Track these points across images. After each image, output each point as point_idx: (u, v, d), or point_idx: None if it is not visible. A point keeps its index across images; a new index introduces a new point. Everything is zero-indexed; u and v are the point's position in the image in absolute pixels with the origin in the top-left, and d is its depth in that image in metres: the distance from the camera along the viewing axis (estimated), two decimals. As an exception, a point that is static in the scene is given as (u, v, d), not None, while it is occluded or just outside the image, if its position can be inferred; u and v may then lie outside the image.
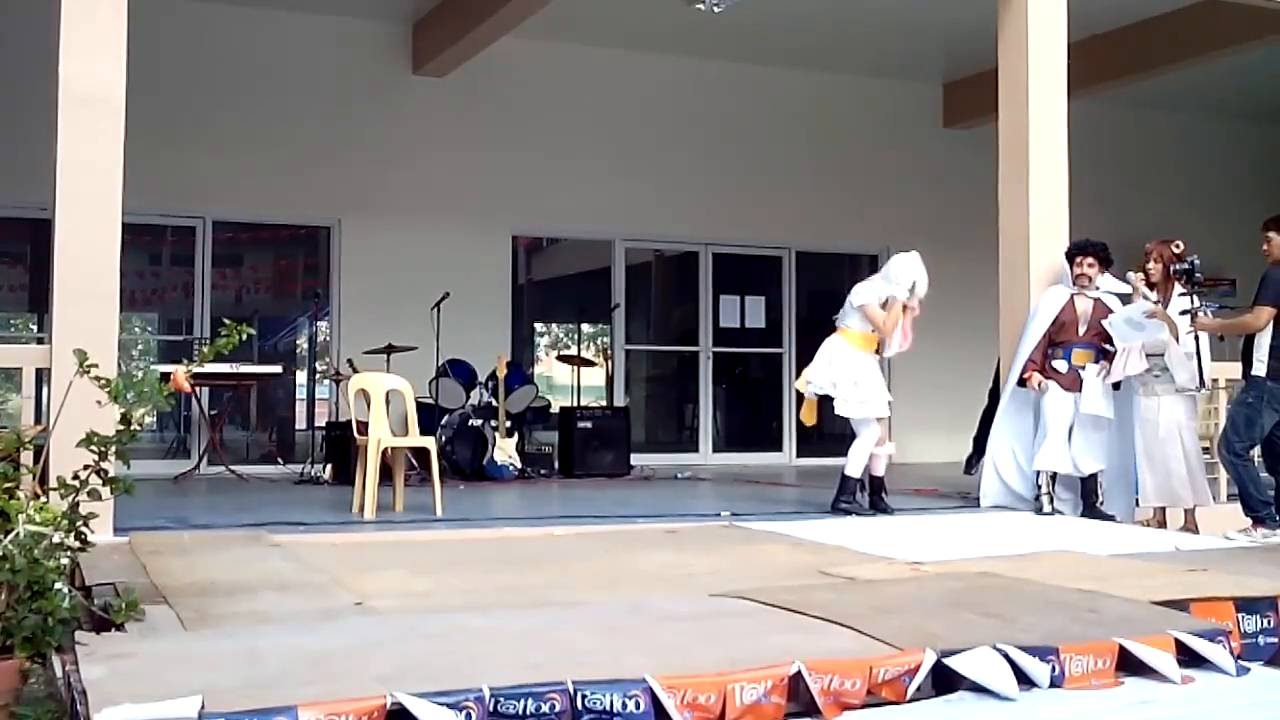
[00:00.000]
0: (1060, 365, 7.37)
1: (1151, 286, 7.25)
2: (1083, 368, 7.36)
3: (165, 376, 3.92)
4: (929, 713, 3.19)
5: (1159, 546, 5.82)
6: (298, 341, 12.60)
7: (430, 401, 9.94)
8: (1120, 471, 7.56)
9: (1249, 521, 6.84)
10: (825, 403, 7.53)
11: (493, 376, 10.32)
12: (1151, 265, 7.23)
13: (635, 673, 2.99)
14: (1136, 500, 7.51)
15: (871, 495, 7.45)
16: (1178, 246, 7.17)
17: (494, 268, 11.94)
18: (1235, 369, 7.19)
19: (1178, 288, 7.11)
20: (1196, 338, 6.97)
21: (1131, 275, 7.44)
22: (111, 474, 3.77)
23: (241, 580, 4.53)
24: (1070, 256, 7.52)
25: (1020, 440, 7.58)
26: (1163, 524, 7.31)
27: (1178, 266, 7.07)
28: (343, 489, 8.33)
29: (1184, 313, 6.95)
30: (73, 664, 3.14)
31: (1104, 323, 7.27)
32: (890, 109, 13.32)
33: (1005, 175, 7.99)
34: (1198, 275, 7.01)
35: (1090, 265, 7.45)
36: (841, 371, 7.38)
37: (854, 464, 7.31)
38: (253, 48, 11.08)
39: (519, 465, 10.21)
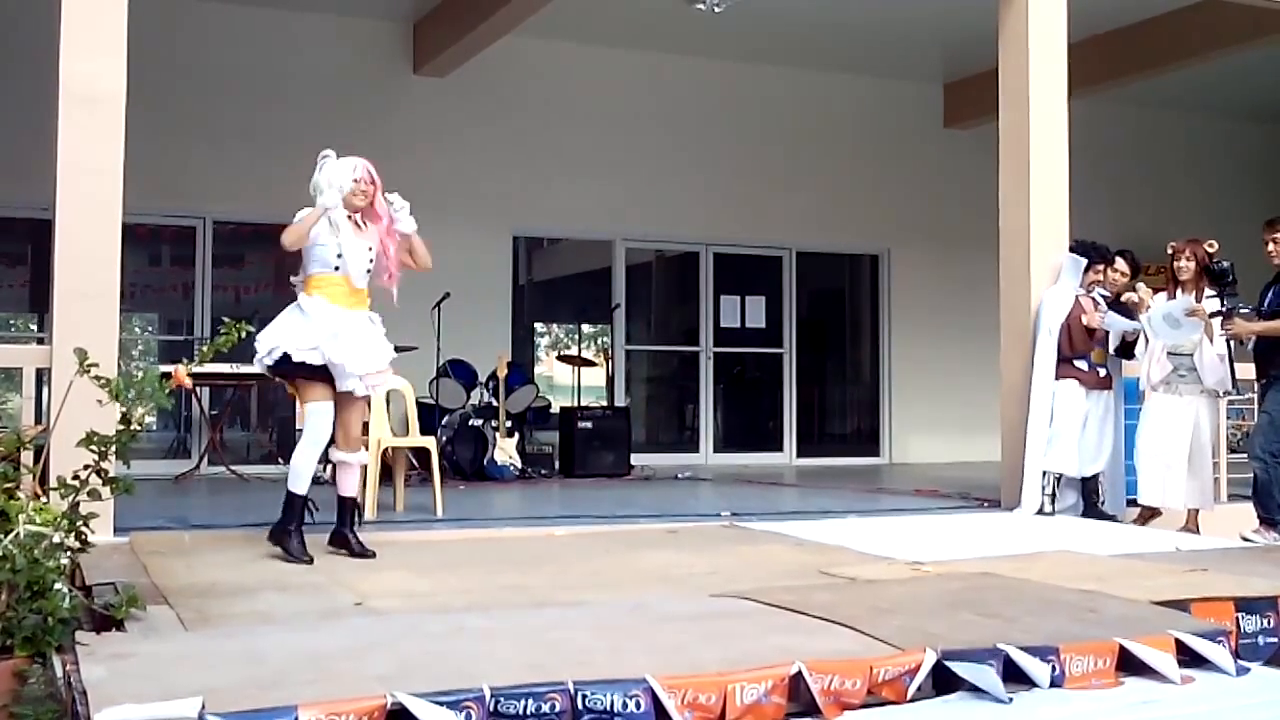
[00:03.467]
0: (1081, 364, 7.38)
1: (1179, 285, 7.21)
2: (1103, 365, 7.40)
3: (166, 375, 3.91)
4: (929, 713, 3.19)
5: (1159, 546, 5.82)
6: (298, 341, 12.57)
7: (431, 401, 9.94)
8: (1116, 472, 7.57)
9: (1257, 521, 6.85)
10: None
11: (493, 376, 10.33)
12: (1183, 263, 7.17)
13: (636, 673, 3.00)
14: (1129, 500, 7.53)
15: (337, 525, 5.35)
16: (1212, 246, 7.14)
17: (494, 268, 11.94)
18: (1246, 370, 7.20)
19: (1209, 289, 7.09)
20: (1227, 341, 6.96)
21: (1140, 286, 7.44)
22: (111, 474, 3.77)
23: (242, 580, 4.54)
24: (1094, 259, 7.51)
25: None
26: (1148, 521, 7.30)
27: (1214, 266, 7.05)
28: (343, 489, 8.30)
29: (1215, 314, 6.93)
30: (73, 664, 3.14)
31: (1142, 318, 7.25)
32: (891, 109, 13.31)
33: (1006, 175, 7.99)
34: (1232, 278, 6.99)
35: (1119, 273, 7.53)
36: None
37: (295, 475, 5.28)
38: (253, 47, 11.08)
39: (519, 465, 10.21)
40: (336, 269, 5.28)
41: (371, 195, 5.41)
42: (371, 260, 5.38)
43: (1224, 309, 6.90)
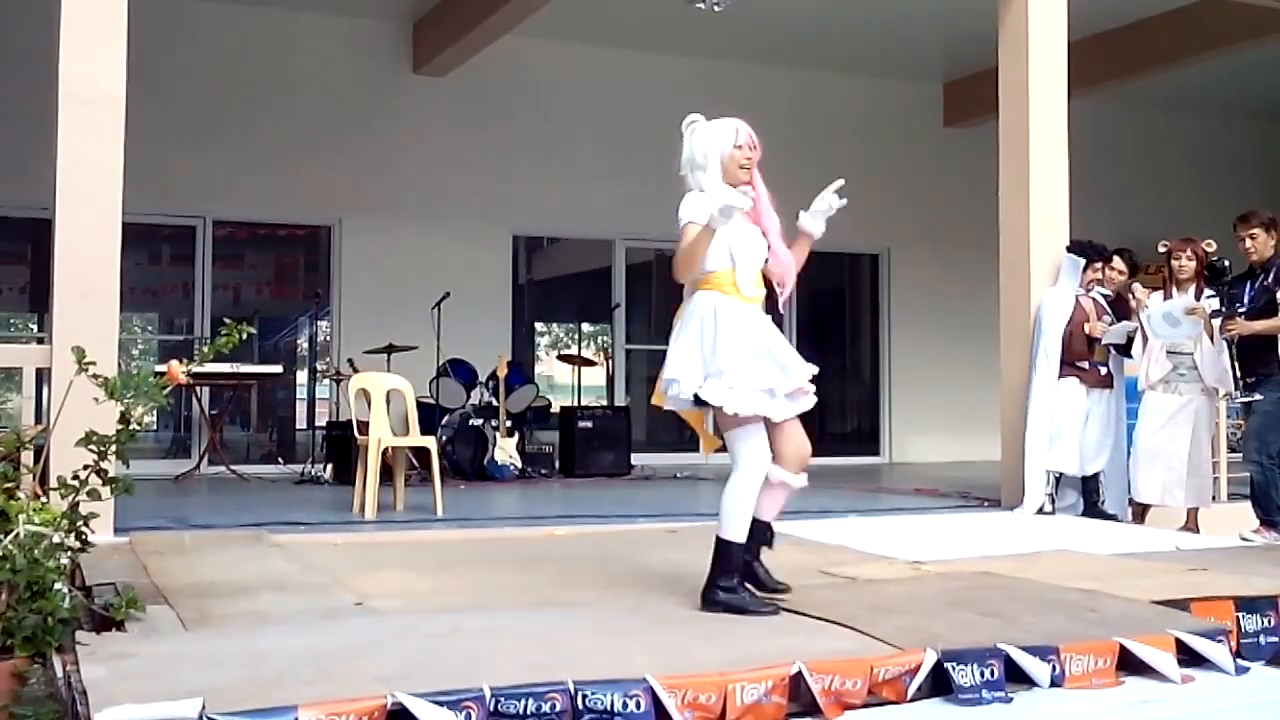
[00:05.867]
0: (1083, 363, 7.39)
1: (1177, 285, 7.21)
2: (1104, 363, 7.41)
3: (161, 372, 3.90)
4: (929, 712, 3.19)
5: (1159, 546, 5.81)
6: (298, 341, 12.60)
7: (431, 401, 9.94)
8: (1118, 470, 7.57)
9: (1257, 522, 6.85)
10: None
11: (493, 376, 10.33)
12: (1183, 262, 7.15)
13: (636, 673, 2.99)
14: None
15: (751, 564, 4.22)
16: (1210, 245, 7.15)
17: (494, 267, 11.95)
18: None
19: (1207, 289, 7.10)
20: (1227, 340, 6.96)
21: (1136, 286, 7.44)
22: (111, 474, 3.76)
23: (242, 580, 4.53)
24: (1091, 258, 7.51)
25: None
26: (1141, 519, 7.30)
27: (1216, 264, 7.05)
28: (343, 489, 8.33)
29: (1215, 313, 6.93)
30: (73, 664, 3.14)
31: (1141, 316, 7.24)
32: (890, 109, 13.31)
33: (1006, 175, 7.99)
34: (1231, 276, 6.99)
35: (1116, 271, 7.54)
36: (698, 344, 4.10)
37: (733, 517, 4.04)
38: (253, 47, 11.08)
39: (519, 465, 10.21)
40: (730, 267, 4.14)
41: (752, 165, 4.28)
42: (765, 254, 4.24)
43: (1223, 309, 6.90)
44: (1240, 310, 6.91)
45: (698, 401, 4.05)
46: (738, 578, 4.04)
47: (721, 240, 4.09)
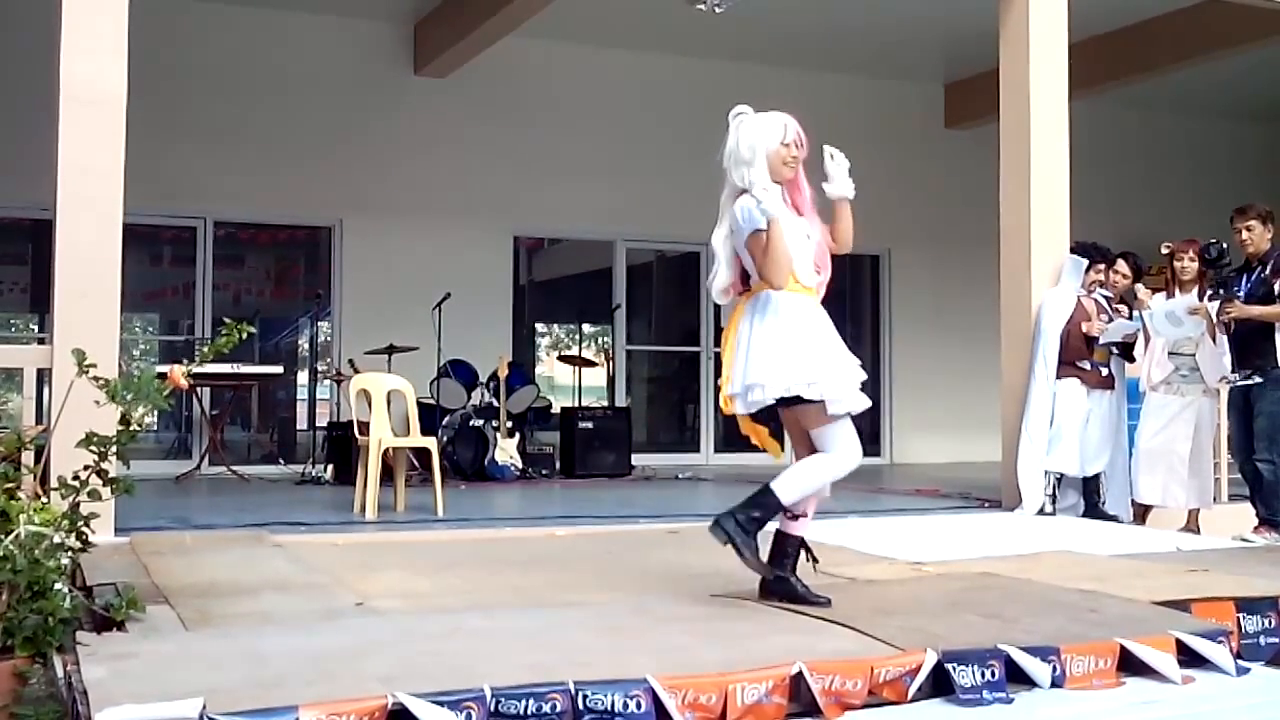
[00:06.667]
0: (1084, 363, 7.39)
1: (1180, 286, 7.21)
2: (1105, 364, 7.41)
3: (163, 375, 3.90)
4: (930, 713, 3.19)
5: (1160, 547, 5.82)
6: (299, 342, 12.60)
7: (431, 402, 9.94)
8: (1120, 471, 7.57)
9: (1256, 521, 6.85)
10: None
11: (494, 377, 10.33)
12: (1186, 263, 7.16)
13: (636, 673, 2.99)
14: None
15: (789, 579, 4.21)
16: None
17: (495, 268, 11.95)
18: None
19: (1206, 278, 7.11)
20: (1228, 328, 6.96)
21: (1140, 287, 7.44)
22: (112, 474, 3.76)
23: (243, 581, 4.53)
24: (1095, 260, 7.51)
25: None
26: (1142, 520, 7.29)
27: (1211, 244, 7.06)
28: (344, 489, 8.33)
29: (1213, 297, 6.93)
30: (74, 664, 3.14)
31: (1144, 315, 7.24)
32: (892, 109, 13.31)
33: (1006, 176, 7.99)
34: (1229, 260, 7.00)
35: (1120, 274, 7.55)
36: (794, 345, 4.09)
37: (796, 486, 4.38)
38: (254, 47, 11.08)
39: (520, 466, 10.21)
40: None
41: (797, 163, 4.28)
42: (815, 243, 4.29)
43: (1224, 295, 6.88)
44: (1237, 294, 6.90)
45: (782, 402, 4.06)
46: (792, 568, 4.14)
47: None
